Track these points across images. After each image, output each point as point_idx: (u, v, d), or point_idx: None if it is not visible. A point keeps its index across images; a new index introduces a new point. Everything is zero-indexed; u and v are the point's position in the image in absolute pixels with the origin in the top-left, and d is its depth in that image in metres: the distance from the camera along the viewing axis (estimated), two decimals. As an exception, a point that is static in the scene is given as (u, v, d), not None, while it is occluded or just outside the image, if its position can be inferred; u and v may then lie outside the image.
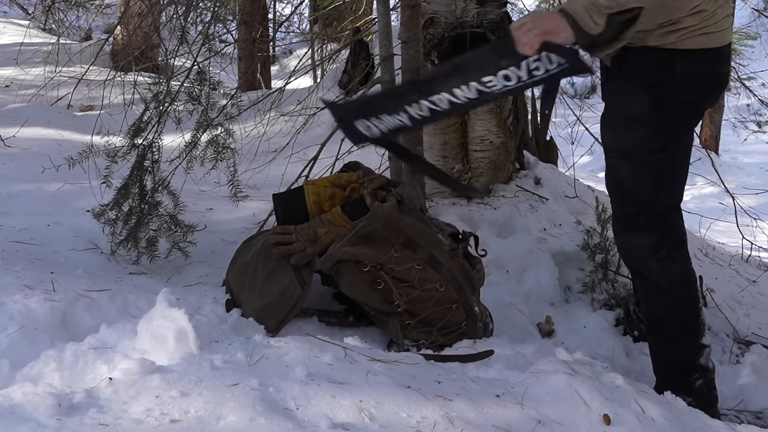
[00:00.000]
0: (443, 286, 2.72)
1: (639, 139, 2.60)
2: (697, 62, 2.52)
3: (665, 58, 2.52)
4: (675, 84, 2.53)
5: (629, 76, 2.60)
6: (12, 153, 5.00)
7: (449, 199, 4.13)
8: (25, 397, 1.88)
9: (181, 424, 1.83)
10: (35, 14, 10.13)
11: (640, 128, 2.58)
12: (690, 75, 2.53)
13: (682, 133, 2.67)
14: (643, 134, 2.59)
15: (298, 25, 12.73)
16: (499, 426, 2.02)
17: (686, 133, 2.70)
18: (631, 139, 2.62)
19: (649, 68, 2.55)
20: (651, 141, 2.58)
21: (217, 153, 3.63)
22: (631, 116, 2.60)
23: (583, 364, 2.44)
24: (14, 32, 9.82)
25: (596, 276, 3.63)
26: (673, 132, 2.62)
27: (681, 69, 2.52)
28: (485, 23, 4.00)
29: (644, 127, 2.58)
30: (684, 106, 2.59)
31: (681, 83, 2.53)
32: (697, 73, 2.54)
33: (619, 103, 2.68)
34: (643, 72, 2.57)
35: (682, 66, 2.51)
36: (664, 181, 2.63)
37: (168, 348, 2.20)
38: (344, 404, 1.99)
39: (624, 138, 2.65)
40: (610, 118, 2.72)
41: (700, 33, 2.50)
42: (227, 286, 3.06)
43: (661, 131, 2.58)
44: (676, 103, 2.56)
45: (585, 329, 3.36)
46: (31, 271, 3.06)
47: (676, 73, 2.52)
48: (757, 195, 5.95)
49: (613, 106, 2.72)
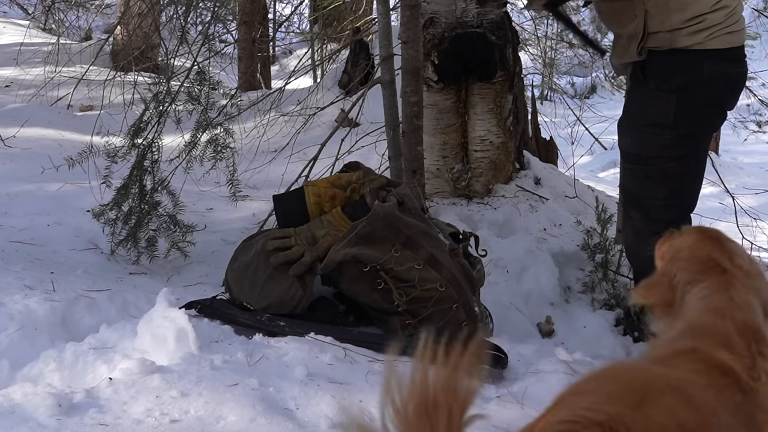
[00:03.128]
0: (443, 286, 2.72)
1: (662, 145, 2.57)
2: (723, 62, 2.52)
3: (693, 60, 2.51)
4: (702, 86, 2.52)
5: (654, 81, 2.58)
6: (12, 153, 5.00)
7: (449, 199, 4.13)
8: (25, 397, 1.88)
9: (181, 424, 1.83)
10: (35, 14, 10.13)
11: (665, 134, 2.56)
12: (717, 76, 2.52)
13: (706, 138, 2.66)
14: (666, 140, 2.56)
15: (298, 25, 12.72)
16: (499, 426, 2.01)
17: (709, 138, 2.70)
18: (653, 145, 2.60)
19: (676, 71, 2.53)
20: (673, 147, 2.56)
21: (217, 153, 3.63)
22: (656, 122, 2.58)
23: (583, 364, 2.44)
24: (14, 32, 9.81)
25: (596, 276, 3.63)
26: (697, 137, 2.61)
27: (709, 70, 2.50)
28: (485, 23, 4.00)
29: (669, 132, 2.55)
30: (710, 108, 2.57)
31: (708, 85, 2.52)
32: (723, 73, 2.53)
33: (641, 108, 2.66)
34: (670, 75, 2.55)
35: (710, 67, 2.50)
36: (680, 188, 2.62)
37: (168, 348, 2.20)
38: (344, 404, 1.98)
39: (645, 144, 2.63)
40: (629, 124, 2.70)
41: (726, 32, 2.50)
42: (227, 285, 3.05)
43: (686, 136, 2.57)
44: (703, 106, 2.55)
45: (585, 329, 3.36)
46: (31, 271, 3.06)
47: (704, 74, 2.51)
48: (757, 195, 5.95)
49: (633, 112, 2.70)
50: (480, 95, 4.08)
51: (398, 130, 3.59)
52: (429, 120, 3.96)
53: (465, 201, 4.10)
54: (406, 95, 3.55)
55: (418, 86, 3.56)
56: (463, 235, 2.98)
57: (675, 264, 1.80)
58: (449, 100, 4.09)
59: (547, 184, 4.39)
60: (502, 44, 4.01)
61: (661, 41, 2.54)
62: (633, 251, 2.80)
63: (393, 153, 3.60)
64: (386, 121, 3.62)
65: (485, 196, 4.13)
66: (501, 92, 4.09)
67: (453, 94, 4.08)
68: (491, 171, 4.17)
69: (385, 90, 3.59)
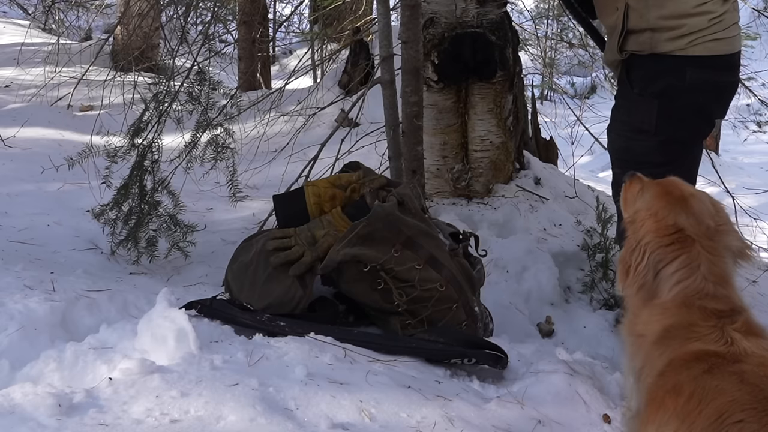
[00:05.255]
0: (443, 286, 2.72)
1: (646, 150, 2.58)
2: (707, 69, 2.51)
3: (675, 66, 2.51)
4: (685, 92, 2.51)
5: (638, 86, 2.58)
6: (12, 153, 5.00)
7: (449, 199, 4.13)
8: (25, 397, 1.88)
9: (181, 424, 1.83)
10: (35, 14, 10.13)
11: (648, 140, 2.56)
12: (700, 83, 2.51)
13: (692, 145, 2.65)
14: (650, 146, 2.57)
15: (298, 25, 12.72)
16: (499, 426, 2.02)
17: (696, 144, 2.68)
18: (638, 150, 2.61)
19: (658, 76, 2.53)
20: (658, 153, 2.56)
21: (217, 153, 3.63)
22: (639, 127, 2.58)
23: (583, 364, 2.44)
24: (14, 32, 9.81)
25: (596, 276, 3.63)
26: (683, 143, 2.60)
27: (691, 76, 2.50)
28: (485, 23, 4.01)
29: (652, 138, 2.56)
30: (694, 115, 2.57)
31: (691, 91, 2.51)
32: (707, 81, 2.52)
33: (625, 113, 2.66)
34: (652, 81, 2.55)
35: (692, 73, 2.49)
36: None
37: (168, 348, 2.20)
38: (344, 404, 1.99)
39: (631, 149, 2.64)
40: (614, 129, 2.70)
41: (710, 39, 2.49)
42: (227, 285, 3.05)
43: (670, 143, 2.56)
44: (686, 113, 2.54)
45: (585, 329, 3.36)
46: (31, 271, 3.06)
47: (686, 80, 2.50)
48: (757, 195, 5.94)
49: (619, 117, 2.70)
50: (480, 95, 4.08)
51: (398, 130, 3.59)
52: (429, 120, 3.97)
53: (465, 201, 4.10)
54: (406, 95, 3.55)
55: (418, 86, 3.56)
56: (463, 235, 2.98)
57: (642, 236, 1.83)
58: (449, 100, 4.09)
59: (547, 184, 4.40)
60: (502, 44, 4.01)
61: (642, 45, 2.54)
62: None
63: (393, 153, 3.60)
64: (386, 121, 3.62)
65: (485, 196, 4.13)
66: (501, 92, 4.09)
67: (453, 94, 4.09)
68: (491, 171, 4.17)
69: (385, 90, 3.59)
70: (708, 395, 1.47)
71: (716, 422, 1.43)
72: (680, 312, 1.72)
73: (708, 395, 1.47)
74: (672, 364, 1.62)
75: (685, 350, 1.62)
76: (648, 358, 1.72)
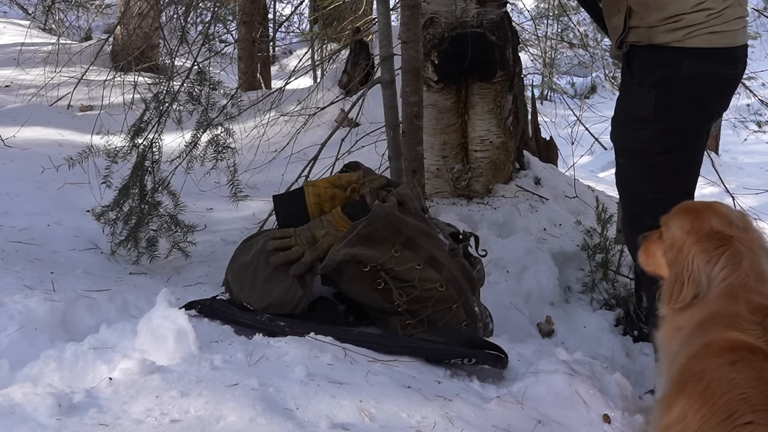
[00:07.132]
0: (443, 286, 2.72)
1: (646, 139, 2.60)
2: (705, 61, 2.52)
3: (672, 57, 2.53)
4: (682, 83, 2.54)
5: (637, 76, 2.62)
6: (12, 153, 5.00)
7: (449, 199, 4.13)
8: (25, 397, 1.88)
9: (181, 424, 1.83)
10: (35, 14, 10.13)
11: (648, 128, 2.59)
12: (697, 74, 2.53)
13: (692, 135, 2.67)
14: (650, 134, 2.59)
15: (298, 25, 12.73)
16: (499, 426, 2.02)
17: (697, 135, 2.70)
18: (638, 139, 2.63)
19: (656, 67, 2.55)
20: (658, 141, 2.58)
21: (217, 153, 3.64)
22: (639, 116, 2.61)
23: (583, 364, 2.44)
24: (14, 32, 9.81)
25: (596, 276, 3.64)
26: (682, 133, 2.62)
27: (688, 68, 2.52)
28: (485, 23, 4.01)
29: (651, 126, 2.58)
30: (691, 105, 2.58)
31: (688, 82, 2.53)
32: (704, 72, 2.54)
33: (627, 102, 2.70)
34: (650, 71, 2.57)
35: (689, 65, 2.51)
36: (671, 182, 2.63)
37: (168, 348, 2.20)
38: (344, 404, 1.99)
39: (632, 138, 2.67)
40: (617, 119, 2.74)
41: (707, 31, 2.50)
42: (227, 285, 3.05)
43: (669, 131, 2.59)
44: (684, 103, 2.56)
45: (585, 329, 3.36)
46: (31, 271, 3.06)
47: (682, 71, 2.52)
48: (757, 195, 5.94)
49: (622, 106, 2.74)
50: (480, 95, 4.08)
51: (398, 130, 3.59)
52: (429, 120, 3.96)
53: (465, 201, 4.10)
54: (406, 95, 3.55)
55: (418, 86, 3.56)
56: (463, 235, 2.98)
57: (687, 251, 1.87)
58: (449, 100, 4.09)
59: (547, 184, 4.40)
60: (502, 44, 4.01)
61: (640, 36, 2.58)
62: (630, 244, 2.83)
63: (393, 153, 3.60)
64: (386, 121, 3.62)
65: (485, 196, 4.13)
66: (501, 92, 4.09)
67: (453, 94, 4.09)
68: (491, 171, 4.17)
69: (385, 90, 3.59)
70: (721, 387, 1.49)
71: (726, 421, 1.43)
72: (725, 302, 1.76)
73: (721, 387, 1.49)
74: (707, 347, 1.63)
75: (723, 336, 1.64)
76: (685, 341, 1.74)
